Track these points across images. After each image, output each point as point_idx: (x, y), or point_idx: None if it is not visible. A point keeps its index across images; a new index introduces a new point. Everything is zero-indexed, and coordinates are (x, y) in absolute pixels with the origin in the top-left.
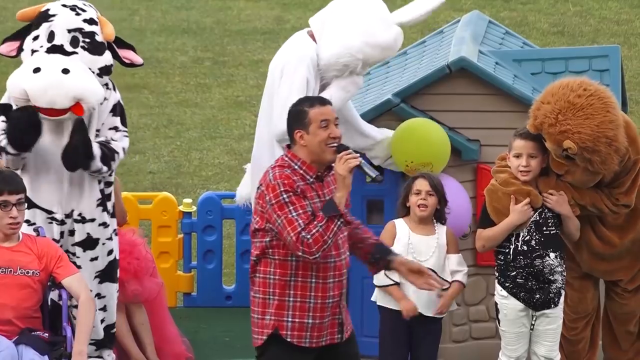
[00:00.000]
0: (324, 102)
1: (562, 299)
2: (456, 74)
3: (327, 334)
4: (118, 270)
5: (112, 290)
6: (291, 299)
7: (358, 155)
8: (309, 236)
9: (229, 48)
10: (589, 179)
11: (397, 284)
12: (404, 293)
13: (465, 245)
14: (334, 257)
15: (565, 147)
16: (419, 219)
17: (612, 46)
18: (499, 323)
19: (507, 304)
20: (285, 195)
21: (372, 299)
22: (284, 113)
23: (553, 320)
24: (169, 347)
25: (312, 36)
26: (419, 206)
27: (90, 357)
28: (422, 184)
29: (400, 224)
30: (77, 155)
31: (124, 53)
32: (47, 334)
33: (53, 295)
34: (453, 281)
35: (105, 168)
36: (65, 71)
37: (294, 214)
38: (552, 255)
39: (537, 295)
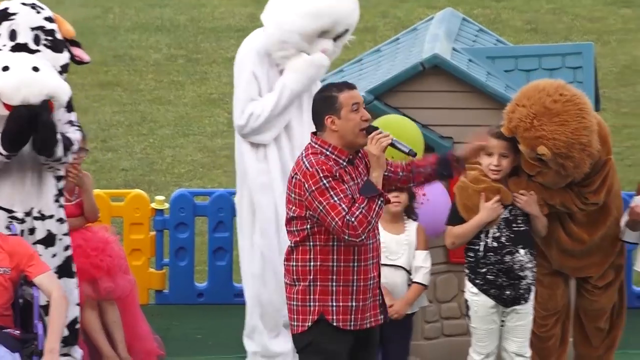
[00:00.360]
0: (351, 86)
1: (532, 295)
2: (430, 71)
3: (371, 315)
4: (74, 265)
5: (71, 285)
6: (334, 283)
7: (388, 133)
8: (353, 219)
9: (203, 45)
10: (560, 180)
11: None
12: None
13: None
14: (371, 238)
15: (540, 152)
16: (392, 215)
17: (585, 43)
18: (469, 320)
19: (478, 301)
20: (325, 181)
21: None
22: (237, 109)
23: (523, 317)
24: (140, 344)
25: None
26: (392, 202)
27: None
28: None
29: None
30: (52, 133)
31: (74, 50)
32: (18, 332)
33: (25, 293)
34: (412, 282)
35: (64, 157)
36: (35, 69)
37: (336, 198)
38: (522, 251)
39: (508, 292)
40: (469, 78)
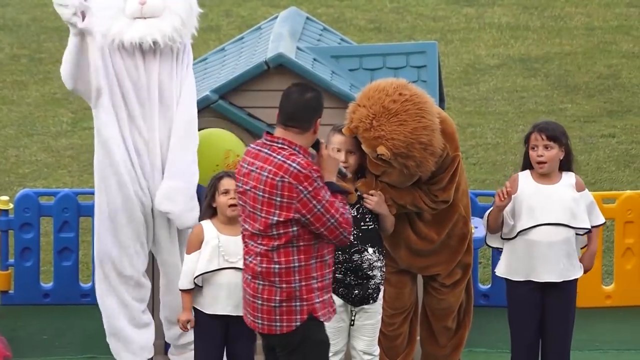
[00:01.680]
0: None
1: (381, 294)
2: (274, 70)
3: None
4: None
5: None
6: (316, 280)
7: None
8: (347, 214)
9: (46, 45)
10: (406, 180)
11: (197, 287)
12: None
13: None
14: None
15: (379, 152)
16: (228, 219)
17: (429, 42)
18: None
19: None
20: (319, 181)
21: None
22: None
23: (372, 316)
24: None
25: None
26: (229, 206)
27: None
28: (229, 183)
29: (207, 226)
30: None
31: None
32: None
33: None
34: None
35: None
36: None
37: (328, 197)
38: (370, 250)
39: (356, 291)
40: (313, 77)
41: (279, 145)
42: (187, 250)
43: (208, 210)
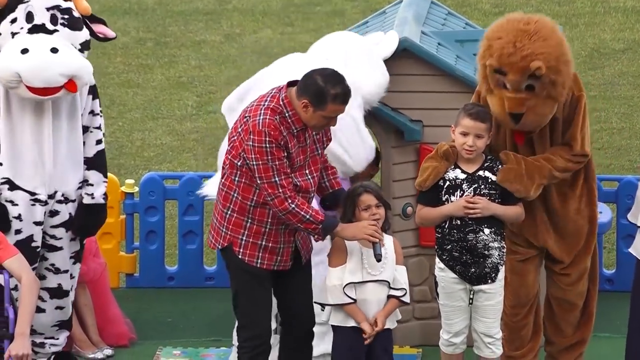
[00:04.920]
0: (346, 100)
1: (500, 274)
2: (399, 54)
3: (280, 260)
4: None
5: (78, 271)
6: (249, 220)
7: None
8: (293, 204)
9: (171, 29)
10: (549, 110)
11: (354, 301)
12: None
13: (407, 226)
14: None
15: (534, 67)
16: None
17: None
18: (437, 297)
19: (444, 277)
20: (267, 145)
21: (329, 321)
22: None
23: (492, 297)
24: (111, 327)
25: None
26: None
27: (47, 337)
28: (369, 199)
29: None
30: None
31: (96, 27)
32: None
33: None
34: (391, 296)
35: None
36: (54, 50)
37: (271, 163)
38: (486, 231)
39: (472, 269)
40: (438, 62)
41: (279, 96)
42: (331, 265)
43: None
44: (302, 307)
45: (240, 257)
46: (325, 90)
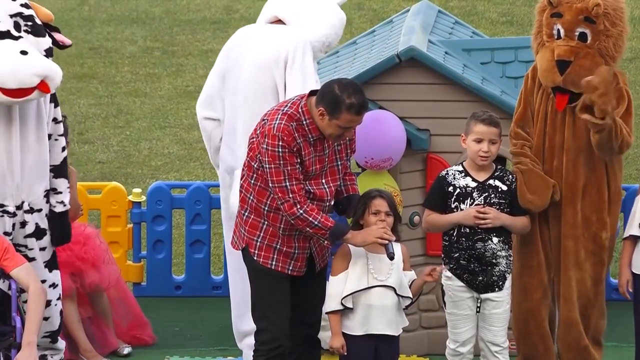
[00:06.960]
0: (361, 112)
1: (507, 283)
2: (406, 63)
3: (295, 265)
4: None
5: (59, 277)
6: (265, 222)
7: (393, 238)
8: (302, 210)
9: (178, 38)
10: (595, 67)
11: (346, 308)
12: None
13: (414, 235)
14: None
15: (593, 5)
16: None
17: None
18: (444, 306)
19: (452, 285)
20: (280, 150)
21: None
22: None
23: (499, 305)
24: (141, 328)
25: (276, 23)
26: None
27: (46, 348)
28: (381, 204)
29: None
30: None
31: (55, 35)
32: None
33: (3, 286)
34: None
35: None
36: (24, 52)
37: (283, 167)
38: (495, 239)
39: (480, 278)
40: (445, 70)
41: (300, 104)
42: (333, 272)
43: (355, 227)
44: (308, 314)
45: (255, 258)
46: (341, 99)
